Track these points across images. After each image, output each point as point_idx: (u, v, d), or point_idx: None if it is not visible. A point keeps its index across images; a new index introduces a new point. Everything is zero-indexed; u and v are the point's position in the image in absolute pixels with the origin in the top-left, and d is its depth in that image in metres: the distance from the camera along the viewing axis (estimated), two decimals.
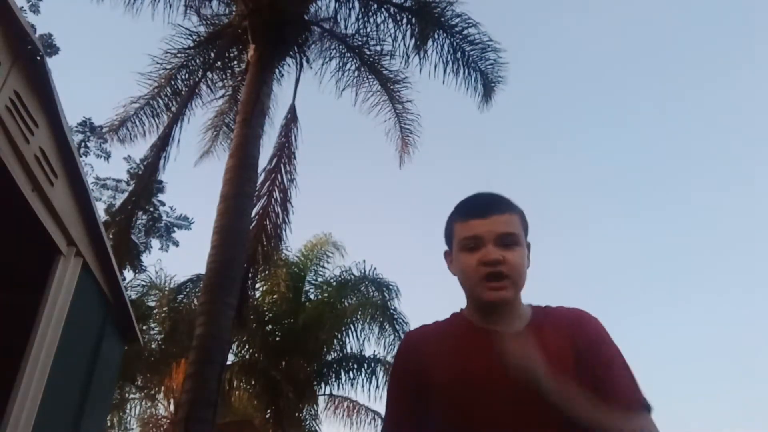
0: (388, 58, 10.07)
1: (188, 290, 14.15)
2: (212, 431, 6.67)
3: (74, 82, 29.36)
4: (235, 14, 9.97)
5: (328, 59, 10.26)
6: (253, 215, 8.58)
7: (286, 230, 9.17)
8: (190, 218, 19.64)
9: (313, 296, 14.64)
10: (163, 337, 14.66)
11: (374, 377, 13.26)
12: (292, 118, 9.67)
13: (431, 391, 1.40)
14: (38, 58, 3.67)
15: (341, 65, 10.29)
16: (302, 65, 9.87)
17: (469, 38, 9.48)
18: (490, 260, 1.36)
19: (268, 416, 13.21)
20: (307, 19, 9.87)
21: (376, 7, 9.59)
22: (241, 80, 10.08)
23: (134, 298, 14.16)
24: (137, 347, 11.50)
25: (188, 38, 10.01)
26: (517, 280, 1.39)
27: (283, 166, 9.33)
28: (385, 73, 10.24)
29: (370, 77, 10.35)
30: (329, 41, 10.21)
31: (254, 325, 13.08)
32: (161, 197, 18.49)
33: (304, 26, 9.73)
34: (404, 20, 9.51)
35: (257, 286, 11.76)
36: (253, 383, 13.18)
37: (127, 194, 14.36)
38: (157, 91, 10.16)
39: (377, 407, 13.71)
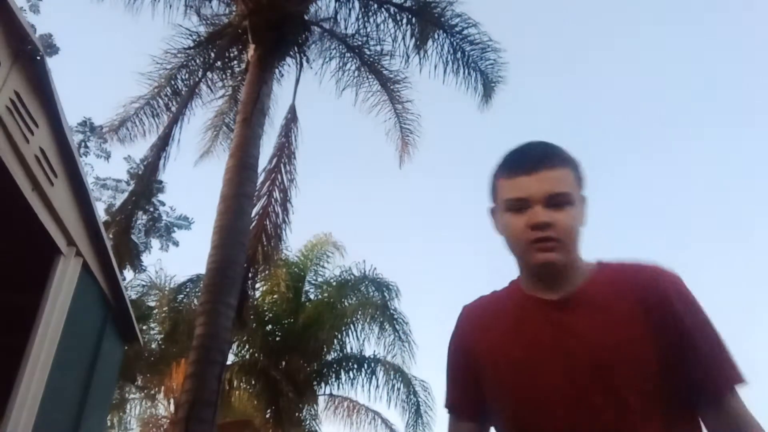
0: (388, 58, 10.07)
1: (188, 290, 14.16)
2: (212, 431, 6.67)
3: (74, 82, 29.37)
4: (235, 14, 9.97)
5: (328, 59, 10.26)
6: (253, 215, 8.58)
7: (286, 230, 9.17)
8: (190, 218, 19.67)
9: (313, 296, 14.63)
10: (163, 337, 14.66)
11: (374, 377, 13.26)
12: (292, 117, 9.66)
13: (483, 367, 1.33)
14: (38, 58, 3.67)
15: (341, 65, 10.28)
16: (302, 65, 9.86)
17: (469, 38, 9.47)
18: (538, 223, 1.22)
19: (268, 416, 13.19)
20: (307, 19, 9.86)
21: (376, 7, 9.58)
22: (241, 80, 10.07)
23: (134, 298, 14.16)
24: (137, 347, 11.49)
25: (188, 38, 10.00)
26: (568, 243, 1.24)
27: (283, 166, 9.32)
28: (385, 73, 10.24)
29: (370, 77, 10.35)
30: (329, 41, 10.20)
31: (254, 325, 13.07)
32: (161, 197, 18.51)
33: (304, 26, 9.72)
34: (404, 20, 9.50)
35: (257, 286, 11.73)
36: (253, 383, 13.17)
37: (127, 194, 14.35)
38: (157, 91, 10.15)
39: (377, 407, 13.72)
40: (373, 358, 13.55)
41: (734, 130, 32.82)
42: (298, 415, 13.18)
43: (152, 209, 17.88)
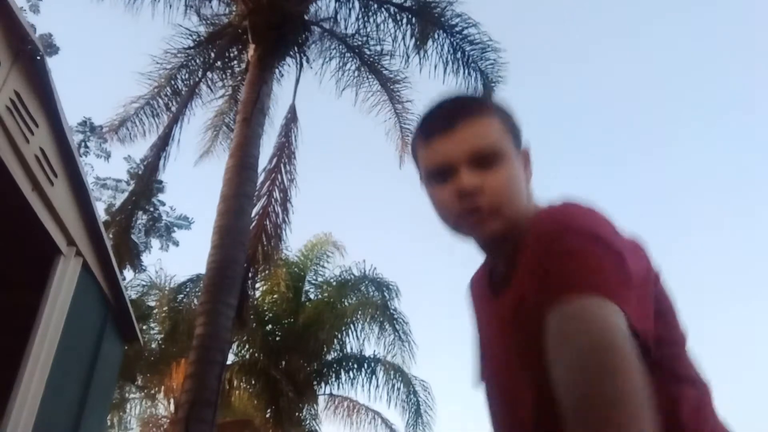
0: (388, 58, 10.07)
1: (188, 290, 14.16)
2: (212, 431, 6.67)
3: (74, 82, 29.38)
4: (235, 14, 9.98)
5: (328, 59, 10.26)
6: (253, 215, 8.58)
7: (286, 230, 9.18)
8: (190, 218, 19.67)
9: (313, 296, 14.64)
10: (163, 336, 14.66)
11: (374, 377, 13.27)
12: (292, 117, 9.67)
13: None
14: (38, 58, 3.68)
15: (341, 65, 10.28)
16: (302, 65, 9.87)
17: (469, 38, 9.48)
18: (463, 190, 1.01)
19: (268, 416, 13.20)
20: (307, 18, 9.87)
21: (376, 7, 9.59)
22: (241, 80, 10.07)
23: (134, 297, 14.16)
24: (137, 347, 11.50)
25: (188, 38, 10.01)
26: (504, 208, 1.02)
27: (283, 165, 9.33)
28: (385, 73, 10.24)
29: (370, 77, 10.35)
30: (329, 41, 10.21)
31: (254, 324, 13.06)
32: (161, 197, 18.49)
33: (304, 26, 9.73)
34: (404, 20, 9.51)
35: (257, 285, 11.75)
36: (253, 383, 13.18)
37: (127, 194, 14.36)
38: (157, 90, 10.16)
39: (377, 407, 13.72)
40: (373, 357, 13.57)
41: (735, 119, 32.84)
42: (298, 414, 13.19)
43: (152, 209, 17.87)
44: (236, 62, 10.39)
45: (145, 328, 14.33)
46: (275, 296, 14.07)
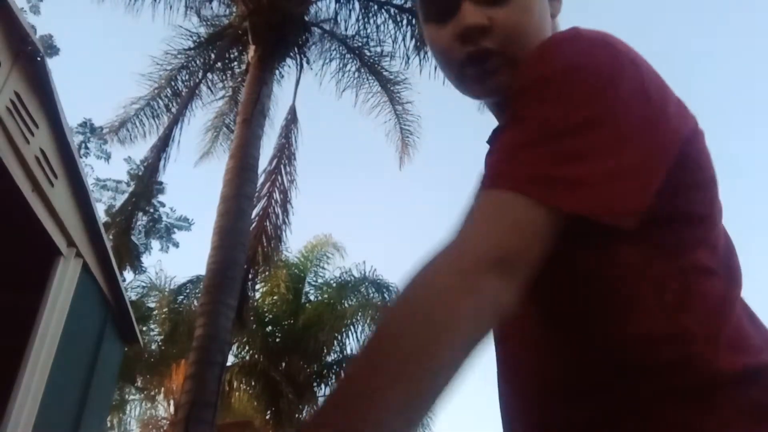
0: (388, 59, 10.08)
1: (188, 291, 14.17)
2: None
3: (74, 82, 29.40)
4: (235, 15, 9.99)
5: (328, 60, 10.27)
6: (253, 216, 8.59)
7: (286, 231, 9.19)
8: (190, 219, 19.70)
9: (313, 297, 14.65)
10: (163, 338, 14.67)
11: None
12: (292, 119, 9.69)
13: None
14: (38, 58, 3.68)
15: (341, 66, 10.29)
16: (302, 66, 9.88)
17: None
18: (467, 29, 0.77)
19: (268, 417, 13.20)
20: (307, 20, 9.88)
21: (376, 8, 9.59)
22: (241, 81, 10.08)
23: (134, 299, 14.16)
24: (137, 348, 11.49)
25: (188, 39, 10.02)
26: (516, 50, 0.78)
27: (283, 167, 9.34)
28: (385, 74, 10.25)
29: (370, 78, 10.36)
30: (329, 42, 10.22)
31: (254, 326, 13.07)
32: (161, 198, 18.53)
33: (304, 27, 9.74)
34: (404, 21, 9.51)
35: (257, 287, 11.76)
36: (253, 384, 13.18)
37: (127, 195, 14.37)
38: (157, 92, 10.16)
39: None
40: None
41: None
42: (298, 416, 13.18)
43: (152, 210, 17.88)
44: (236, 63, 10.40)
45: (145, 329, 14.34)
46: (275, 297, 14.08)
